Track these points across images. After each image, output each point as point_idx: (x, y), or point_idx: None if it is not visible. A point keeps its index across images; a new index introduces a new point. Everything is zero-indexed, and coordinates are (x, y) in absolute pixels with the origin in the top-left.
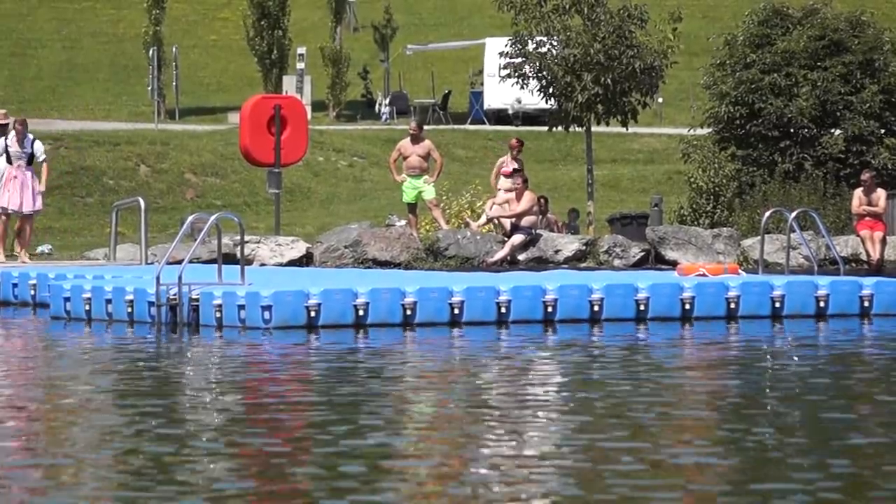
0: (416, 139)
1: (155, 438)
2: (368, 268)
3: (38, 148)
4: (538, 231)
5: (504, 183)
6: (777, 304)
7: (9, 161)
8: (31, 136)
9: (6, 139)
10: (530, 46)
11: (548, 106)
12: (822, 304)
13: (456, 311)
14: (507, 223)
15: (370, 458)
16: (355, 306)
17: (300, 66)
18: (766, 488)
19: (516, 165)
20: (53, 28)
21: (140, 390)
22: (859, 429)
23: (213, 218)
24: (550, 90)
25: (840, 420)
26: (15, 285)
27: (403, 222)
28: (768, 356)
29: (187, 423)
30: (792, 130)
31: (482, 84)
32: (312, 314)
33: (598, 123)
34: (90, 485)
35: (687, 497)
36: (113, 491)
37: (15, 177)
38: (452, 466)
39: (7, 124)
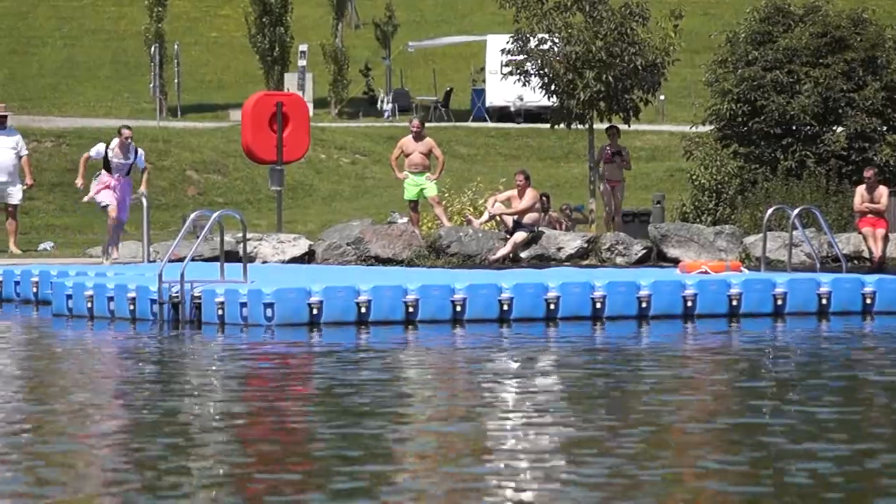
0: (418, 136)
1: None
2: (371, 265)
3: (141, 158)
4: (540, 228)
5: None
6: (779, 302)
7: (108, 170)
8: (134, 146)
9: (108, 148)
10: (532, 44)
11: (550, 103)
12: (824, 301)
13: (458, 308)
14: (509, 220)
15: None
16: (358, 304)
17: (302, 63)
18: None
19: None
20: (54, 26)
21: (138, 389)
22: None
23: (215, 215)
24: (552, 87)
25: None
26: (17, 283)
27: (405, 219)
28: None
29: (184, 425)
30: (794, 127)
31: (484, 81)
32: (315, 311)
33: (601, 121)
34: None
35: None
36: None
37: (109, 186)
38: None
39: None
